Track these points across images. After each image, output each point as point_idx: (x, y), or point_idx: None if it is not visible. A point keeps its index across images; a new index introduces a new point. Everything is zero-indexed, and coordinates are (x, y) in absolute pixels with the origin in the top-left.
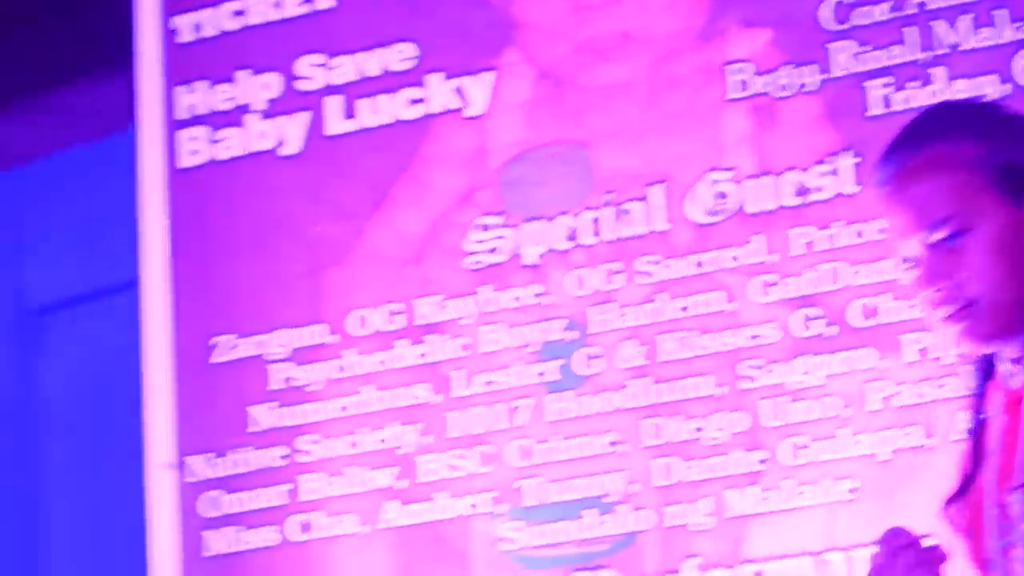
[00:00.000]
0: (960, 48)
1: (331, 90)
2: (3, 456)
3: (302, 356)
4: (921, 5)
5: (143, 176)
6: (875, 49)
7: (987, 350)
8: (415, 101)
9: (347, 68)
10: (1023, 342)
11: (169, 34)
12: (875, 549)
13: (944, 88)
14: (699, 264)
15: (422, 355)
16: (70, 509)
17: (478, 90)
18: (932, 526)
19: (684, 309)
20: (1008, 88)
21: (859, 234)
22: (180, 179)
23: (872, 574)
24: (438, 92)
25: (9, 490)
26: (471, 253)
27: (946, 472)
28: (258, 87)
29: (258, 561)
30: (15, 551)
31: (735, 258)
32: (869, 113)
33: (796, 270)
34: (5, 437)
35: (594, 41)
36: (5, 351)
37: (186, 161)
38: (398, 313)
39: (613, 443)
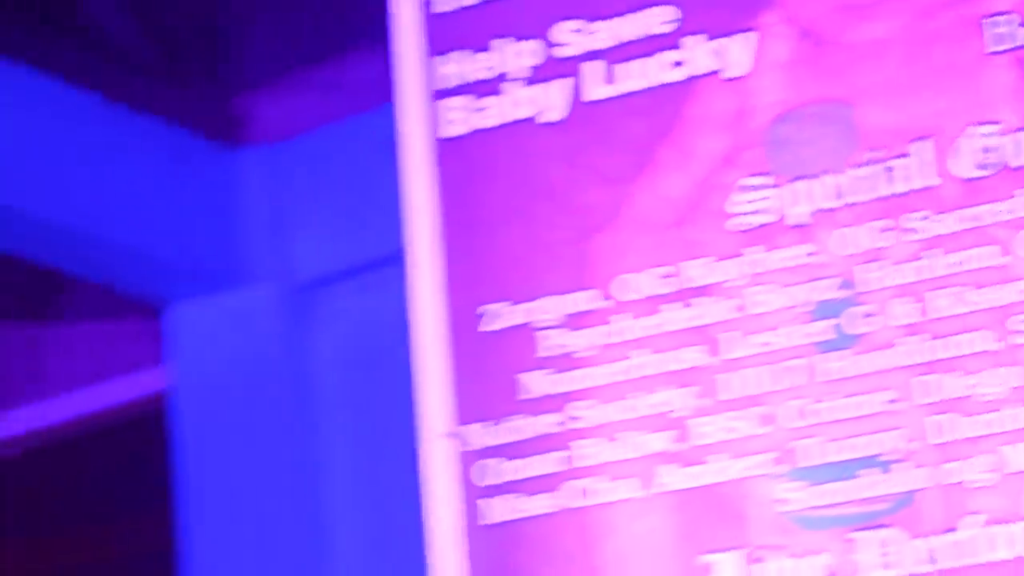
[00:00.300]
0: None
1: (590, 56)
2: (278, 431)
3: (573, 322)
4: None
5: (405, 148)
6: None
7: None
8: (676, 64)
9: (605, 33)
10: None
11: (426, 4)
12: None
13: None
14: (968, 219)
15: (693, 318)
16: (347, 482)
17: (739, 51)
18: None
19: (955, 265)
20: None
21: None
22: (442, 149)
23: None
24: (698, 54)
25: (285, 465)
26: (738, 214)
27: None
28: (517, 55)
29: (536, 528)
30: (294, 525)
31: (1005, 212)
32: None
33: None
34: (279, 413)
35: None
36: (275, 327)
37: (447, 131)
38: (667, 277)
39: (889, 401)
